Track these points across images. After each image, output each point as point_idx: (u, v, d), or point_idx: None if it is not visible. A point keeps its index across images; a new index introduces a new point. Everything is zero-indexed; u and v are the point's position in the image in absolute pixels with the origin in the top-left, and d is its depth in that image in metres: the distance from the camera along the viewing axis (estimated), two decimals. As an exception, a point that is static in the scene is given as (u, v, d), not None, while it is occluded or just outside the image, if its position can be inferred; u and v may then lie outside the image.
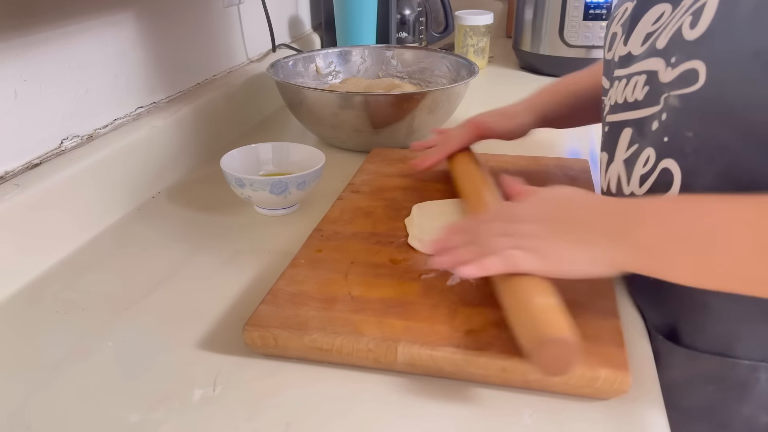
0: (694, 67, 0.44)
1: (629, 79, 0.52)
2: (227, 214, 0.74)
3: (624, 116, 0.53)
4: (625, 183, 0.53)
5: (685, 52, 0.45)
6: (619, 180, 0.54)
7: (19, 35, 0.62)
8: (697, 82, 0.44)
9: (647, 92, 0.50)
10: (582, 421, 0.44)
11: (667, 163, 0.48)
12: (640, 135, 0.51)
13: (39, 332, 0.54)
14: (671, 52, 0.47)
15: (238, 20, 1.08)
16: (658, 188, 0.49)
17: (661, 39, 0.48)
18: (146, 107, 0.84)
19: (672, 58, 0.46)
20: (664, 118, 0.48)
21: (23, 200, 0.60)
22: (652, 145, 0.50)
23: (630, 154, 0.52)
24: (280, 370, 0.49)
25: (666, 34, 0.48)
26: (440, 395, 0.46)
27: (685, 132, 0.46)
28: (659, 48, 0.48)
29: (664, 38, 0.48)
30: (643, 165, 0.51)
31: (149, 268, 0.63)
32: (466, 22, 1.37)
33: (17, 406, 0.46)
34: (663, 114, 0.48)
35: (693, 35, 0.44)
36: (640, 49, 0.51)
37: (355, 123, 0.87)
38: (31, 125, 0.65)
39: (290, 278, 0.55)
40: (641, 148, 0.51)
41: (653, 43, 0.49)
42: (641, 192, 0.51)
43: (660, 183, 0.49)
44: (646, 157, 0.50)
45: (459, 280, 0.55)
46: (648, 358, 0.50)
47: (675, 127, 0.47)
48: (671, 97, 0.47)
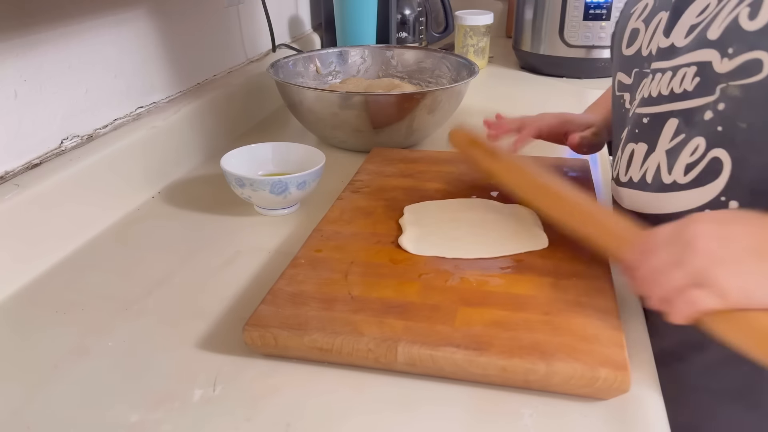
0: (758, 57, 0.45)
1: (675, 71, 0.52)
2: (227, 214, 0.74)
3: (668, 107, 0.53)
4: (665, 172, 0.53)
5: (745, 43, 0.46)
6: (658, 169, 0.54)
7: (19, 35, 0.62)
8: (761, 72, 0.45)
9: (698, 83, 0.50)
10: (582, 421, 0.44)
11: (717, 152, 0.49)
12: (688, 125, 0.51)
13: (39, 332, 0.54)
14: (727, 42, 0.47)
15: (238, 20, 1.08)
16: (705, 177, 0.50)
17: (713, 30, 0.48)
18: (146, 107, 0.84)
19: (729, 48, 0.47)
20: (721, 108, 0.48)
21: (23, 200, 0.60)
22: (702, 134, 0.50)
23: (675, 143, 0.53)
24: (280, 370, 0.49)
25: (718, 24, 0.48)
26: (440, 395, 0.46)
27: (740, 123, 0.47)
28: (712, 39, 0.48)
29: (716, 29, 0.48)
30: (690, 154, 0.51)
31: (149, 268, 0.63)
32: (466, 22, 1.37)
33: (17, 406, 0.46)
34: (720, 104, 0.48)
35: (754, 26, 0.45)
36: (684, 41, 0.51)
37: (355, 123, 0.87)
38: (31, 125, 0.65)
39: (290, 278, 0.55)
40: (689, 138, 0.51)
41: (701, 34, 0.49)
42: (685, 180, 0.51)
43: (708, 171, 0.50)
44: (695, 147, 0.50)
45: (459, 280, 0.55)
46: (648, 358, 0.50)
47: (731, 117, 0.47)
48: (731, 87, 0.47)
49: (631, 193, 0.58)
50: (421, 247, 0.60)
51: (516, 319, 0.49)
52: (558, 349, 0.45)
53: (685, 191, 0.52)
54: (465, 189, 0.72)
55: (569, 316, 0.49)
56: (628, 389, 0.44)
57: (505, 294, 0.52)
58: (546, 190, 0.60)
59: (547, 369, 0.44)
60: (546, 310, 0.50)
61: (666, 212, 0.54)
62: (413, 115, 0.87)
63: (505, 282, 0.54)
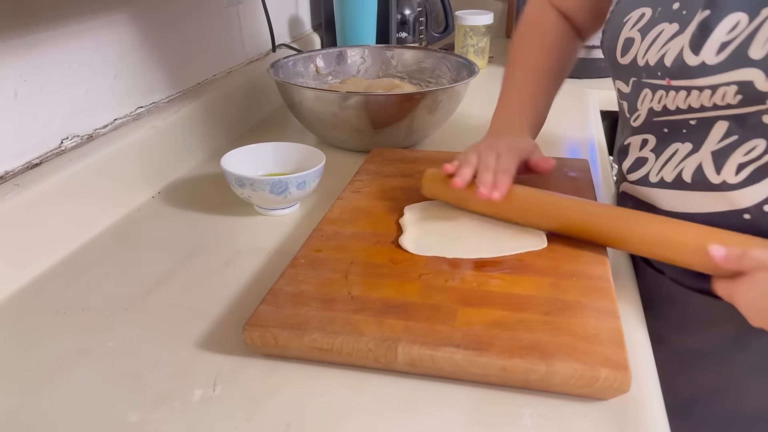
0: None
1: (714, 89, 0.51)
2: (227, 214, 0.74)
3: (712, 113, 0.52)
4: (711, 172, 0.53)
5: None
6: (700, 168, 0.54)
7: (19, 35, 0.62)
8: None
9: (742, 99, 0.49)
10: (582, 421, 0.44)
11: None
12: (742, 127, 0.51)
13: (39, 332, 0.54)
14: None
15: (238, 20, 1.08)
16: (760, 175, 0.50)
17: (755, 48, 0.47)
18: (146, 107, 0.84)
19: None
20: None
21: (23, 200, 0.60)
22: (762, 136, 0.50)
23: (725, 144, 0.52)
24: (280, 370, 0.49)
25: (761, 43, 0.47)
26: (440, 395, 0.46)
27: None
28: (755, 58, 0.47)
29: (759, 47, 0.47)
30: (745, 154, 0.51)
31: (149, 268, 0.63)
32: (466, 22, 1.37)
33: (17, 406, 0.46)
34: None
35: None
36: (716, 58, 0.49)
37: (355, 123, 0.87)
38: (31, 125, 0.65)
39: (290, 278, 0.55)
40: (744, 139, 0.51)
41: (740, 53, 0.48)
42: (737, 180, 0.51)
43: (765, 169, 0.50)
44: (751, 147, 0.50)
45: (459, 280, 0.55)
46: (648, 358, 0.50)
47: None
48: None
49: (667, 193, 0.57)
50: (421, 247, 0.60)
51: (516, 319, 0.49)
52: (558, 349, 0.45)
53: (737, 190, 0.52)
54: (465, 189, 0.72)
55: (569, 316, 0.49)
56: (628, 389, 0.44)
57: (505, 294, 0.52)
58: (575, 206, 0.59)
59: (547, 369, 0.44)
60: (546, 310, 0.50)
61: (717, 211, 0.54)
62: (413, 115, 0.87)
63: (505, 282, 0.54)
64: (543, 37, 0.75)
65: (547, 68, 0.74)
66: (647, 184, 0.59)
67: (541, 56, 0.74)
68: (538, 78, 0.73)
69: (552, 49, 0.74)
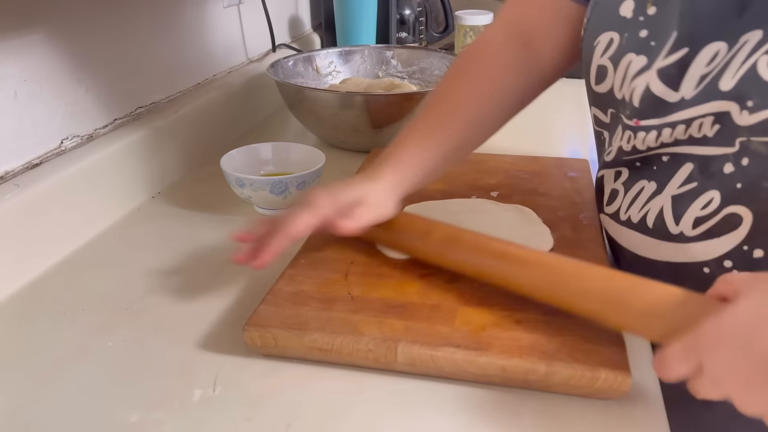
0: None
1: (689, 123, 0.47)
2: (227, 214, 0.74)
3: (685, 150, 0.49)
4: (671, 221, 0.50)
5: (767, 95, 0.42)
6: (661, 214, 0.51)
7: (19, 35, 0.62)
8: None
9: (718, 130, 0.46)
10: (582, 421, 0.44)
11: (735, 209, 0.46)
12: (703, 174, 0.48)
13: (39, 332, 0.54)
14: (746, 94, 0.43)
15: (238, 20, 1.08)
16: (719, 230, 0.47)
17: (725, 80, 0.44)
18: (146, 107, 0.84)
19: (748, 101, 0.43)
20: (744, 163, 0.45)
21: (23, 200, 0.60)
22: (717, 188, 0.47)
23: (685, 191, 0.49)
24: (280, 370, 0.49)
25: (731, 74, 0.44)
26: (440, 395, 0.46)
27: (764, 182, 0.44)
28: (724, 90, 0.45)
29: (729, 79, 0.44)
30: (702, 207, 0.48)
31: (149, 268, 0.63)
32: (466, 22, 1.36)
33: (17, 406, 0.46)
34: (743, 159, 0.45)
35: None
36: (693, 92, 0.47)
37: (355, 123, 0.87)
38: (31, 125, 0.65)
39: (290, 278, 0.55)
40: (702, 189, 0.48)
41: (712, 85, 0.45)
42: (694, 234, 0.49)
43: (723, 226, 0.47)
44: (708, 200, 0.47)
45: (459, 280, 0.54)
46: (648, 358, 0.50)
47: (756, 176, 0.44)
48: (754, 143, 0.44)
49: (633, 234, 0.55)
50: None
51: (516, 319, 0.49)
52: (558, 349, 0.45)
53: (696, 243, 0.49)
54: (465, 189, 0.72)
55: (569, 316, 0.49)
56: (628, 389, 0.44)
57: (505, 294, 0.52)
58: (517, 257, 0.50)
59: (547, 369, 0.44)
60: (546, 310, 0.50)
61: (678, 261, 0.51)
62: (413, 115, 0.87)
63: (505, 282, 0.54)
64: (484, 74, 0.61)
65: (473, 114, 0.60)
66: (618, 221, 0.57)
67: (472, 98, 0.60)
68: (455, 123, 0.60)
69: (489, 92, 0.61)
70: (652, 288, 0.43)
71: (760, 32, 0.43)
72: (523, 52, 0.62)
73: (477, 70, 0.62)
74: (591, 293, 0.45)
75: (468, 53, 0.64)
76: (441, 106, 0.61)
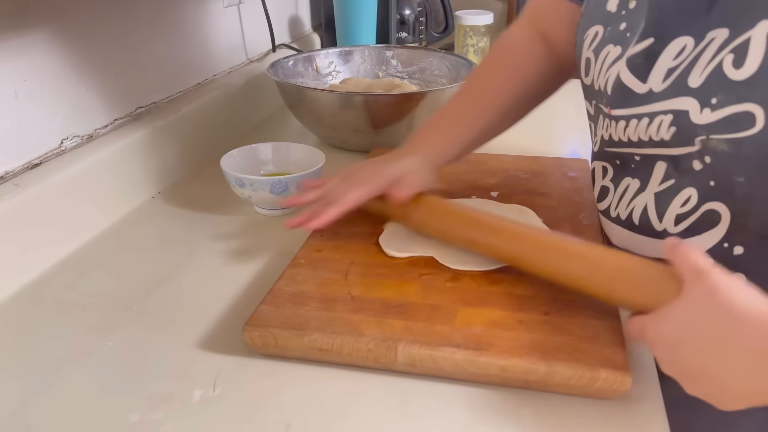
0: (748, 110, 0.41)
1: (652, 117, 0.48)
2: (227, 214, 0.74)
3: (652, 151, 0.50)
4: (654, 218, 0.51)
5: (732, 93, 0.42)
6: (645, 211, 0.52)
7: (19, 35, 0.62)
8: (754, 127, 0.41)
9: (674, 132, 0.47)
10: (582, 421, 0.44)
11: (713, 205, 0.46)
12: (677, 171, 0.48)
13: (39, 332, 0.54)
14: (710, 92, 0.44)
15: (238, 20, 1.08)
16: (700, 227, 0.48)
17: (694, 76, 0.45)
18: (146, 107, 0.84)
19: (712, 98, 0.43)
20: (708, 161, 0.45)
21: (23, 200, 0.60)
22: (694, 185, 0.47)
23: (665, 188, 0.50)
24: (280, 370, 0.49)
25: (699, 71, 0.44)
26: (440, 395, 0.46)
27: (736, 177, 0.44)
28: (693, 86, 0.45)
29: (697, 76, 0.44)
30: (682, 205, 0.48)
31: (149, 268, 0.63)
32: (466, 22, 1.36)
33: (17, 406, 0.46)
34: (706, 156, 0.45)
35: (741, 75, 0.41)
36: (662, 85, 0.47)
37: (355, 123, 0.87)
38: (31, 125, 0.65)
39: (290, 278, 0.55)
40: (679, 186, 0.48)
41: (681, 80, 0.46)
42: (677, 230, 0.49)
43: (703, 222, 0.47)
44: (686, 197, 0.48)
45: (459, 280, 0.54)
46: (648, 358, 0.50)
47: (724, 172, 0.44)
48: (716, 141, 0.44)
49: (621, 231, 0.55)
50: (411, 249, 0.59)
51: (516, 319, 0.49)
52: (558, 349, 0.45)
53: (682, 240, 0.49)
54: (465, 189, 0.72)
55: (569, 315, 0.49)
56: (628, 389, 0.44)
57: (505, 294, 0.52)
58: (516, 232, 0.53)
59: (547, 369, 0.44)
60: (546, 310, 0.50)
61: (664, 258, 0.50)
62: (413, 115, 0.87)
63: (505, 282, 0.54)
64: (512, 66, 0.66)
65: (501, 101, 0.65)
66: (608, 217, 0.57)
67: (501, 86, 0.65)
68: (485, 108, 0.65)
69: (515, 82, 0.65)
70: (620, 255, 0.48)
71: (726, 31, 0.43)
72: (543, 47, 0.66)
73: (506, 61, 0.67)
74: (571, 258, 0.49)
75: (498, 46, 0.69)
76: (474, 91, 0.67)
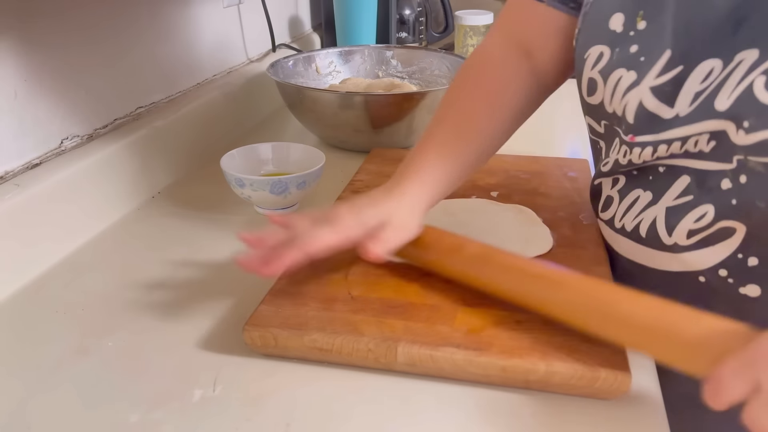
0: None
1: (685, 141, 0.47)
2: (227, 214, 0.74)
3: (683, 162, 0.49)
4: (663, 232, 0.50)
5: (765, 117, 0.42)
6: (654, 224, 0.51)
7: (19, 35, 0.62)
8: None
9: (714, 146, 0.46)
10: (582, 421, 0.44)
11: (729, 223, 0.46)
12: (700, 188, 0.48)
13: (39, 332, 0.54)
14: (741, 114, 0.43)
15: (238, 20, 1.08)
16: (713, 239, 0.47)
17: (721, 99, 0.44)
18: (146, 107, 0.84)
19: (744, 122, 0.43)
20: (743, 180, 0.45)
21: (23, 200, 0.60)
22: (712, 202, 0.47)
23: (680, 203, 0.49)
24: (280, 370, 0.49)
25: (727, 93, 0.44)
26: (440, 395, 0.46)
27: (759, 202, 0.44)
28: (720, 110, 0.44)
29: (725, 98, 0.44)
30: (696, 221, 0.48)
31: (149, 268, 0.63)
32: (466, 22, 1.36)
33: (17, 406, 0.46)
34: (741, 176, 0.45)
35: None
36: (688, 108, 0.46)
37: (355, 123, 0.87)
38: (31, 125, 0.65)
39: (290, 278, 0.55)
40: (697, 202, 0.48)
41: (707, 103, 0.45)
42: (688, 243, 0.49)
43: (715, 237, 0.47)
44: (702, 214, 0.47)
45: (459, 280, 0.54)
46: (648, 358, 0.50)
47: (752, 194, 0.44)
48: (752, 162, 0.43)
49: (627, 242, 0.55)
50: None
51: (516, 319, 0.49)
52: (558, 349, 0.45)
53: (690, 252, 0.49)
54: (465, 189, 0.72)
55: None
56: (628, 389, 0.44)
57: (505, 294, 0.52)
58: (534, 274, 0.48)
59: (547, 369, 0.44)
60: (546, 310, 0.50)
61: (673, 270, 0.51)
62: (413, 115, 0.87)
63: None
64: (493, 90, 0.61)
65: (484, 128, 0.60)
66: (612, 228, 0.57)
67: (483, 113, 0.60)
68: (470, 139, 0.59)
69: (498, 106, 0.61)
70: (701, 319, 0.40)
71: (757, 52, 0.42)
72: (523, 62, 0.62)
73: (482, 82, 0.61)
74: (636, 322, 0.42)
75: (471, 64, 0.64)
76: (453, 118, 0.60)
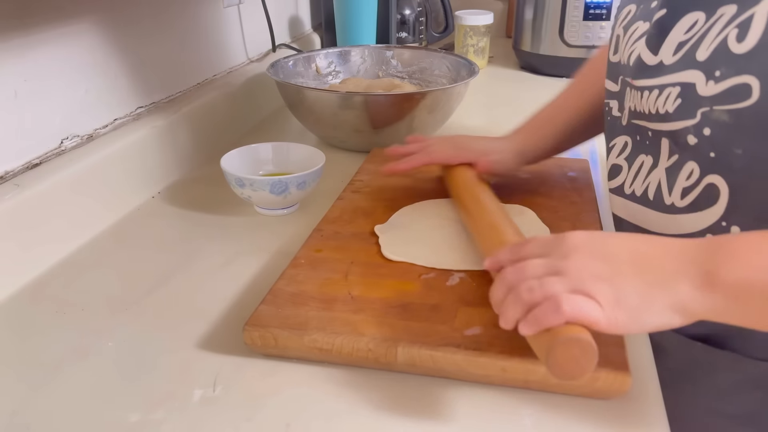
0: (746, 81, 0.43)
1: (662, 89, 0.50)
2: (227, 214, 0.74)
3: (658, 126, 0.52)
4: (666, 192, 0.52)
5: (733, 66, 0.44)
6: (659, 187, 0.53)
7: (19, 35, 0.62)
8: (750, 98, 0.43)
9: (679, 105, 0.48)
10: (582, 421, 0.44)
11: (712, 178, 0.47)
12: (678, 146, 0.50)
13: (39, 332, 0.54)
14: (715, 65, 0.45)
15: (238, 20, 1.08)
16: (702, 203, 0.48)
17: (701, 50, 0.46)
18: (146, 107, 0.84)
19: (716, 71, 0.45)
20: (707, 133, 0.46)
21: (23, 200, 0.60)
22: (694, 159, 0.48)
23: (671, 163, 0.51)
24: (280, 370, 0.49)
25: (707, 45, 0.46)
26: (440, 395, 0.46)
27: (735, 149, 0.45)
28: (700, 60, 0.47)
29: (704, 50, 0.46)
30: (686, 178, 0.49)
31: (149, 268, 0.63)
32: (466, 22, 1.37)
33: (17, 406, 0.46)
34: (705, 128, 0.47)
35: (741, 49, 0.43)
36: (672, 58, 0.49)
37: (355, 123, 0.87)
38: (31, 125, 0.65)
39: (290, 278, 0.55)
40: (682, 161, 0.50)
41: (690, 54, 0.48)
42: (683, 204, 0.50)
43: (704, 197, 0.48)
44: (690, 171, 0.49)
45: (458, 281, 0.55)
46: (648, 358, 0.50)
47: (723, 143, 0.46)
48: (716, 112, 0.45)
49: (636, 207, 0.56)
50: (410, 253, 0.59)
51: (516, 319, 0.49)
52: (558, 349, 0.45)
53: (684, 215, 0.50)
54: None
55: None
56: (627, 389, 0.44)
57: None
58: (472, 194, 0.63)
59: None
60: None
61: (669, 233, 0.52)
62: (413, 115, 0.87)
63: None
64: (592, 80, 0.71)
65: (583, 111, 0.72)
66: (621, 195, 0.58)
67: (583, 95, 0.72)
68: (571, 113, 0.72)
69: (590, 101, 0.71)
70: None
71: (735, 6, 0.45)
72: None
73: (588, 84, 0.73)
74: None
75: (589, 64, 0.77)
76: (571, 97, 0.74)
